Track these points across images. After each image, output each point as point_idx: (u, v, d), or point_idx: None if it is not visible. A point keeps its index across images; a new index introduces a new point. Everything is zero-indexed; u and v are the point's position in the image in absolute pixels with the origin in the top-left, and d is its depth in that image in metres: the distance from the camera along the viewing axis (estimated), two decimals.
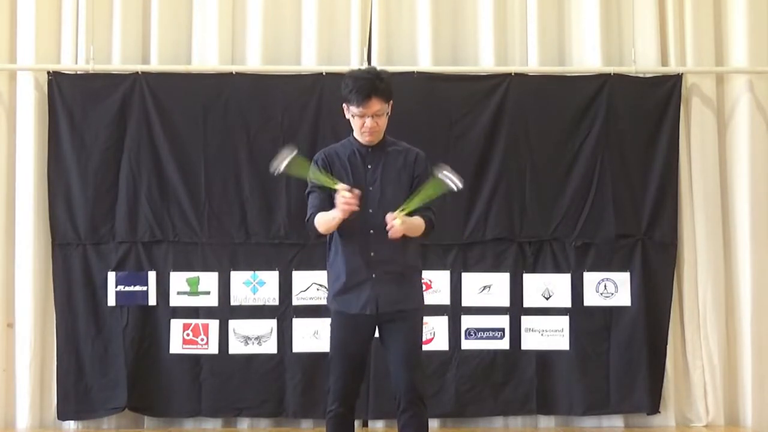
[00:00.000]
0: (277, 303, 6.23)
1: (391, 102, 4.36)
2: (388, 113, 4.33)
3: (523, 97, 6.31)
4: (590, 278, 6.29)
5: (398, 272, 4.28)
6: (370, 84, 4.21)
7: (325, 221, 4.20)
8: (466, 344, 6.25)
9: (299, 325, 6.20)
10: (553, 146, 6.32)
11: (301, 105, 6.28)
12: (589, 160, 6.31)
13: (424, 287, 4.48)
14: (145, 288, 6.20)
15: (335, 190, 4.17)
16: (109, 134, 6.23)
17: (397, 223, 4.08)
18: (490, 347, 6.25)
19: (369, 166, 4.30)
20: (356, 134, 4.38)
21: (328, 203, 4.26)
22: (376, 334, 4.39)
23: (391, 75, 4.35)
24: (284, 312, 6.23)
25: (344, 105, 4.34)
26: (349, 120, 4.40)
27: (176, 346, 6.20)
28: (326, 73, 6.25)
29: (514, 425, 6.33)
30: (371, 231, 4.22)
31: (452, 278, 6.26)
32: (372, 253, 4.24)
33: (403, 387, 4.15)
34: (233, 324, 6.23)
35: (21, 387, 6.21)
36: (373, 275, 4.25)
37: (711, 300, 6.34)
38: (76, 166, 6.21)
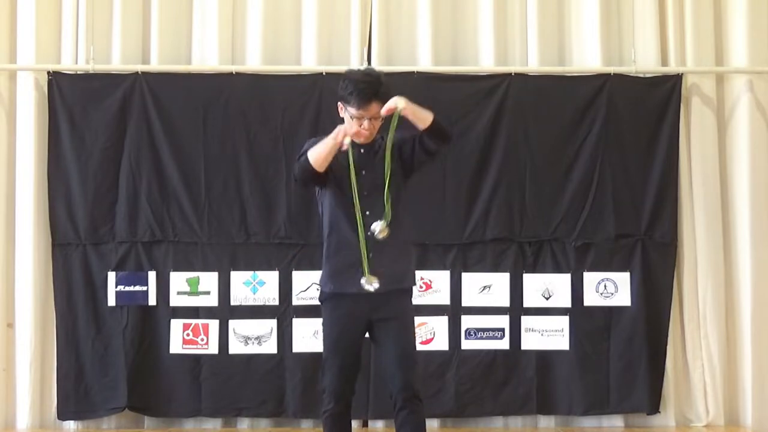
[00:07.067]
0: (277, 303, 6.23)
1: None
2: (383, 116, 4.27)
3: (523, 97, 6.31)
4: (590, 278, 6.29)
5: (393, 247, 4.27)
6: (372, 87, 4.19)
7: (317, 148, 4.17)
8: (466, 344, 6.25)
9: (299, 325, 6.20)
10: (553, 146, 6.32)
11: (301, 105, 6.27)
12: (589, 160, 6.31)
13: (422, 287, 4.48)
14: (145, 288, 6.20)
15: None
16: (109, 134, 6.23)
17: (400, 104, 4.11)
18: (490, 347, 6.25)
19: (363, 172, 4.28)
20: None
21: None
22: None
23: (388, 76, 4.31)
24: (284, 312, 6.23)
25: (340, 104, 4.31)
26: (343, 119, 4.37)
27: (176, 346, 6.20)
28: (326, 73, 6.25)
29: (514, 425, 6.33)
30: (369, 233, 4.23)
31: (452, 278, 6.26)
32: (371, 255, 4.23)
33: (399, 385, 4.15)
34: (233, 324, 6.23)
35: (21, 387, 6.21)
36: (370, 255, 4.22)
37: (711, 300, 6.34)
38: (76, 166, 6.21)
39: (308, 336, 6.18)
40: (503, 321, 6.27)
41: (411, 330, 4.32)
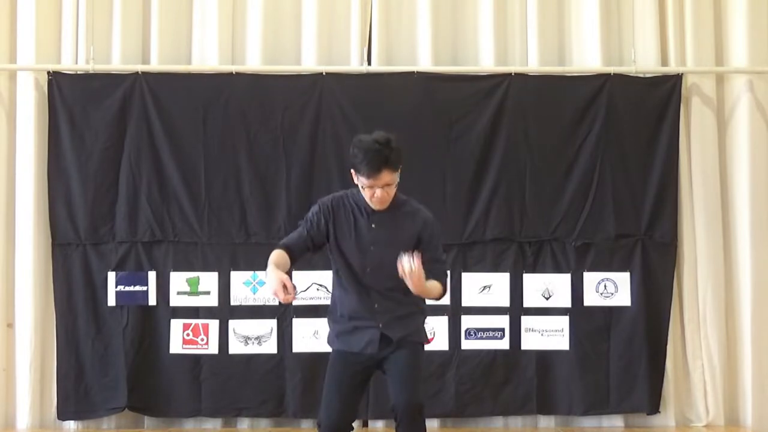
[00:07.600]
0: (277, 303, 6.20)
1: (400, 168, 4.10)
2: (398, 181, 4.09)
3: (523, 97, 6.31)
4: (590, 278, 6.30)
5: (403, 315, 4.18)
6: (381, 156, 3.94)
7: (267, 271, 3.99)
8: (466, 344, 6.25)
9: (299, 325, 6.20)
10: (553, 146, 6.33)
11: (301, 105, 6.28)
12: (589, 160, 6.32)
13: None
14: (145, 288, 6.20)
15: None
16: (109, 134, 6.24)
17: (411, 267, 3.91)
18: (490, 347, 6.25)
19: (373, 225, 4.15)
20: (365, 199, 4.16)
21: (308, 242, 4.13)
22: None
23: (400, 144, 4.03)
24: (284, 312, 6.22)
25: (352, 171, 4.08)
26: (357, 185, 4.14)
27: (176, 346, 6.20)
28: (326, 73, 6.26)
29: (514, 425, 6.33)
30: (371, 289, 4.14)
31: (452, 278, 6.22)
32: (376, 305, 4.15)
33: (402, 403, 4.06)
34: (233, 324, 6.23)
35: (21, 387, 6.21)
36: (380, 324, 4.15)
37: (711, 300, 6.34)
38: (76, 166, 6.21)
39: (308, 336, 6.18)
40: (503, 321, 6.27)
41: (418, 352, 4.22)
